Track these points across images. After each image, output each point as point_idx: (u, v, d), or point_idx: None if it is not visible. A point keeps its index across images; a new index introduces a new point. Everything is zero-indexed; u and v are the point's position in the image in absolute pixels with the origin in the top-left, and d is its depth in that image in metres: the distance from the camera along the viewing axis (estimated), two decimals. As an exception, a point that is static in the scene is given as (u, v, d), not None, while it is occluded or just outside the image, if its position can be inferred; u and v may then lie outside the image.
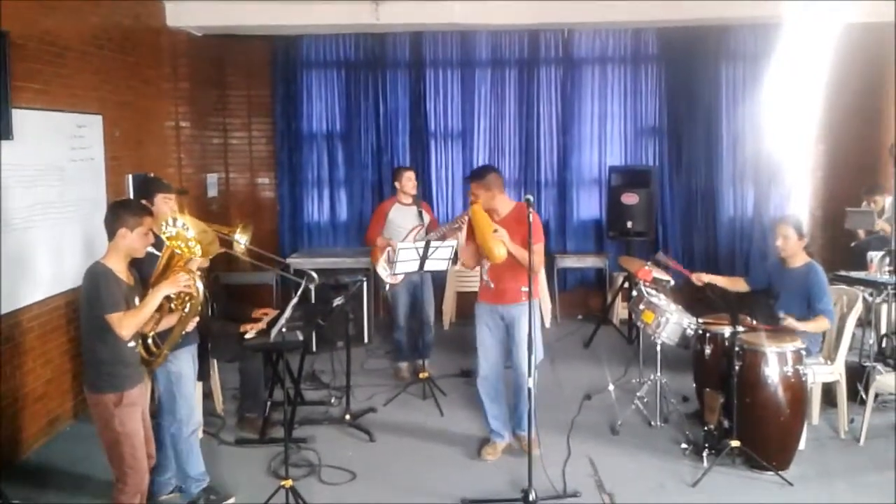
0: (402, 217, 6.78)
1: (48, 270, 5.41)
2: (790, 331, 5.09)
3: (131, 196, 6.35)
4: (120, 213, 3.77)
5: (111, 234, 3.74)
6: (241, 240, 4.32)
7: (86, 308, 3.71)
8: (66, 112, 5.66)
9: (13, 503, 4.02)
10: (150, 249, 3.88)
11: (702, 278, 5.64)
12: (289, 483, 4.26)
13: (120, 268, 3.74)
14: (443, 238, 6.15)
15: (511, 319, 5.00)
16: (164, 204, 4.40)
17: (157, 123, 7.46)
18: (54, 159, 5.51)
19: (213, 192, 8.69)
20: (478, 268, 5.21)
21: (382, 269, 6.70)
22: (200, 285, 3.80)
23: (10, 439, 5.06)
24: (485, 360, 5.14)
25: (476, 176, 5.07)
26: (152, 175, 6.56)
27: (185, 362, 4.40)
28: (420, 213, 6.75)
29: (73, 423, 5.76)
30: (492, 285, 4.97)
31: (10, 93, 4.86)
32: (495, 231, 4.73)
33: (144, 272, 3.91)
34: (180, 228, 3.67)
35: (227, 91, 9.04)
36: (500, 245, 4.70)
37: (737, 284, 5.62)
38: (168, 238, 3.69)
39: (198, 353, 4.63)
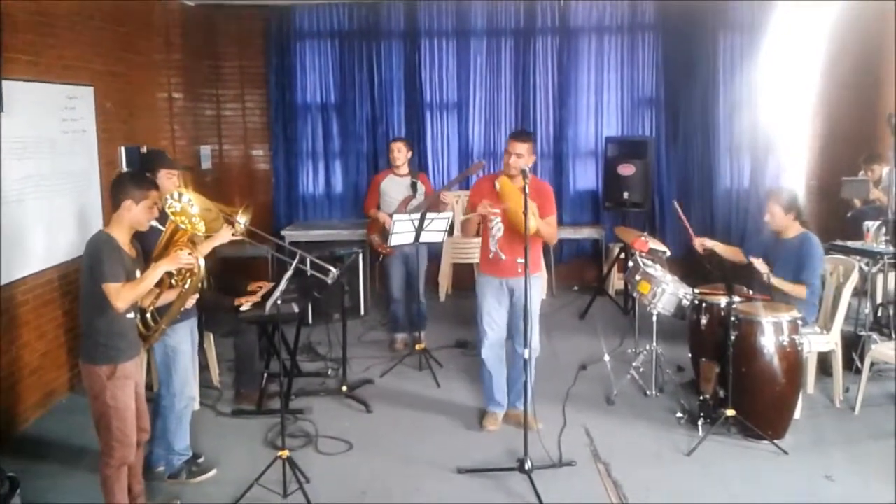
0: (395, 188, 6.75)
1: (41, 243, 5.38)
2: (786, 300, 5.11)
3: (127, 168, 6.31)
4: (126, 184, 3.72)
5: (116, 205, 3.69)
6: (242, 220, 4.30)
7: (86, 276, 3.65)
8: (57, 84, 5.58)
9: (10, 475, 4.00)
10: (154, 223, 3.83)
11: (705, 243, 5.62)
12: (285, 453, 4.28)
13: (123, 239, 3.70)
14: (430, 209, 6.08)
15: (518, 292, 4.95)
16: (168, 180, 4.36)
17: (150, 95, 7.38)
18: (46, 131, 5.45)
19: (206, 164, 8.64)
20: (476, 239, 5.15)
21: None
22: (202, 262, 3.76)
23: (6, 412, 5.07)
24: (492, 332, 5.09)
25: (525, 135, 4.95)
26: (151, 149, 6.50)
27: (182, 336, 4.40)
28: (414, 185, 6.71)
29: (69, 395, 5.76)
30: (503, 256, 4.79)
31: (1, 64, 4.79)
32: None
33: (147, 246, 3.89)
34: (185, 203, 3.64)
35: (220, 62, 8.95)
36: (534, 217, 4.67)
37: (736, 255, 5.60)
38: (172, 213, 3.65)
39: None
